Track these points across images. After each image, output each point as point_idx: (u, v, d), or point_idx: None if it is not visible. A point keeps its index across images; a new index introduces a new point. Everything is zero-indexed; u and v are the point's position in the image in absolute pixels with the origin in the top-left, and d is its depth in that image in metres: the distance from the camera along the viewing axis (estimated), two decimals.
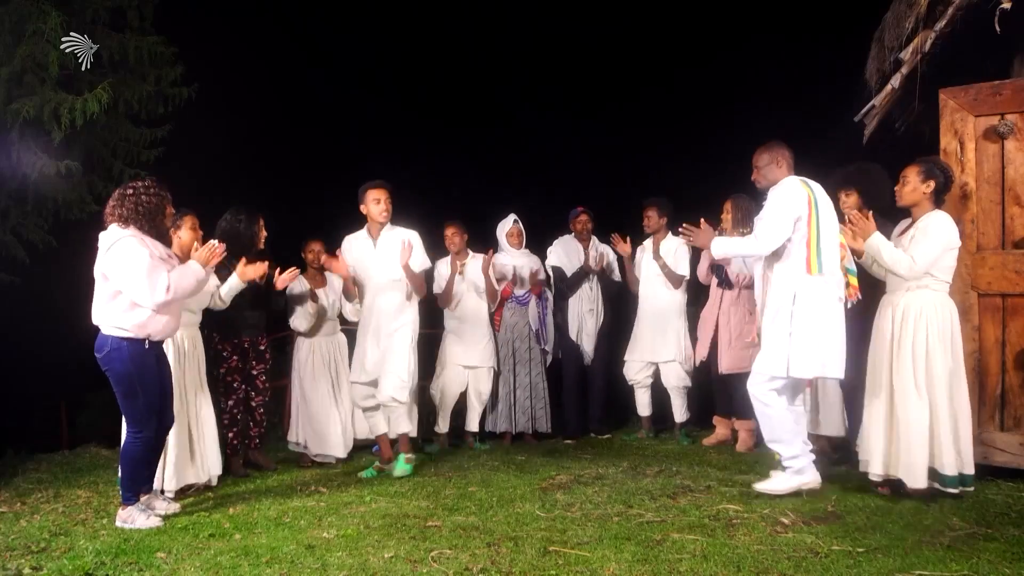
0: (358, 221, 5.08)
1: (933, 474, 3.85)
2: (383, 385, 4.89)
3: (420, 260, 5.03)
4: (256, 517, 3.95)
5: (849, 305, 4.08)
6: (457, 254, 5.85)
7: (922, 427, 3.83)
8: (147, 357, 3.86)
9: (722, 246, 4.26)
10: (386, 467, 4.95)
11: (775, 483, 4.04)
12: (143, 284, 3.75)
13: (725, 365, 5.40)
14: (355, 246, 5.08)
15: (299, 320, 5.41)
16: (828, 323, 3.94)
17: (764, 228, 4.01)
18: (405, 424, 4.98)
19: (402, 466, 4.82)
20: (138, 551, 3.43)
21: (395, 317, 4.93)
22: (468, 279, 5.82)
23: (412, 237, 4.99)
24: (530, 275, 5.97)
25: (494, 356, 5.90)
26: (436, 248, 5.96)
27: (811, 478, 4.03)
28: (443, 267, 5.85)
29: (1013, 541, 3.27)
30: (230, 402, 5.00)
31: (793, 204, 3.95)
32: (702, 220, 4.36)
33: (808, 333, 3.91)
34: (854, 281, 4.11)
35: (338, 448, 5.40)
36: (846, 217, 4.16)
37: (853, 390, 4.50)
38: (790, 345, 3.94)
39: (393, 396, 4.86)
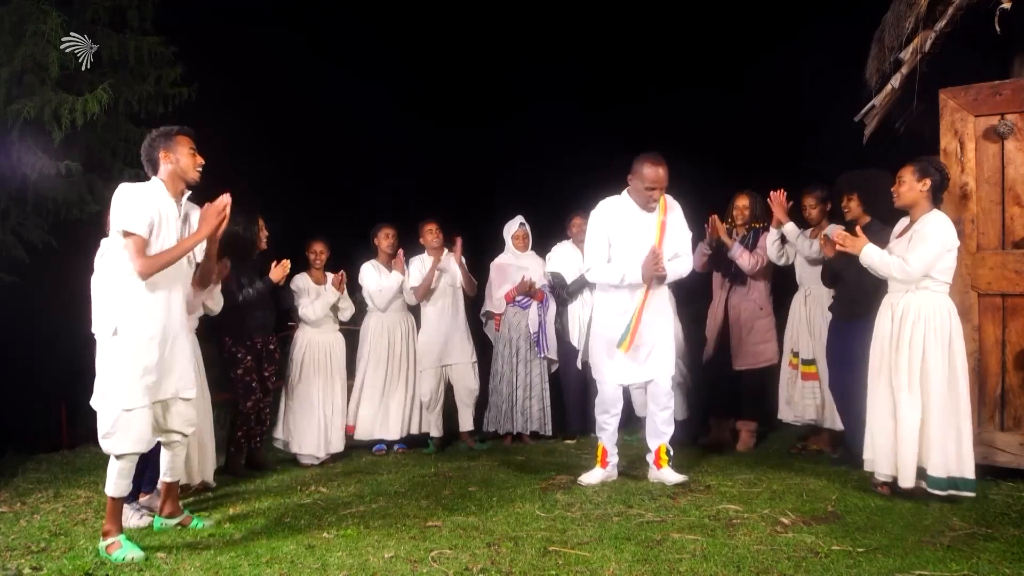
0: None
1: (921, 473, 3.85)
2: (184, 411, 3.69)
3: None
4: (256, 517, 3.96)
5: None
6: (435, 250, 5.91)
7: (913, 425, 3.83)
8: None
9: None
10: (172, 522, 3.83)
11: (674, 476, 4.42)
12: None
13: (741, 362, 5.37)
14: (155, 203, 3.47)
15: (308, 309, 5.43)
16: None
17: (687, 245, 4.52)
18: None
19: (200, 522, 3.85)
20: None
21: (183, 311, 3.64)
22: (444, 275, 5.92)
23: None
24: (524, 281, 5.95)
25: (473, 350, 5.99)
26: (415, 246, 6.04)
27: None
28: (415, 264, 5.92)
29: (1013, 541, 3.28)
30: (248, 403, 4.99)
31: None
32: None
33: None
34: None
35: (319, 448, 5.35)
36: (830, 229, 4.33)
37: (844, 389, 4.51)
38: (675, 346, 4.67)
39: (192, 425, 3.80)
